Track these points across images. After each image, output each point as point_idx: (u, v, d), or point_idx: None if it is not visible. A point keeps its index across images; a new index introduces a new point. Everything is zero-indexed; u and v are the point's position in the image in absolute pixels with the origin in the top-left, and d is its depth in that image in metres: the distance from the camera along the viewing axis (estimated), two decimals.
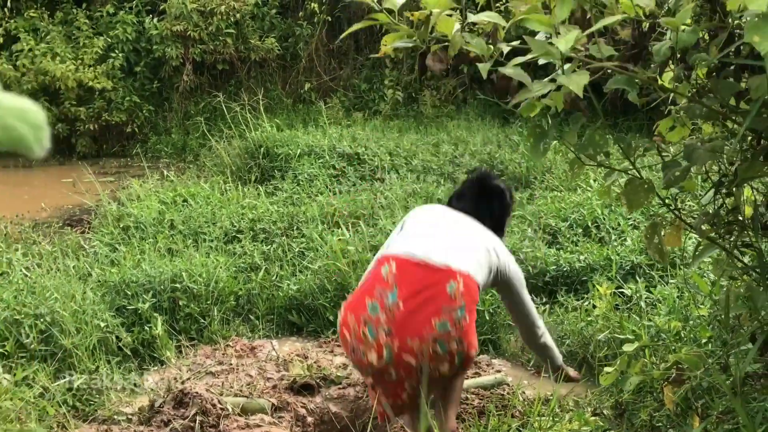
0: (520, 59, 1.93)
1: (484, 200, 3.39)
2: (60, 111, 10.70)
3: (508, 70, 1.94)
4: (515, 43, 2.04)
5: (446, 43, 2.05)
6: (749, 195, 2.39)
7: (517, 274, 3.29)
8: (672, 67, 2.18)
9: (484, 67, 2.00)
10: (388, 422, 3.25)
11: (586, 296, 4.44)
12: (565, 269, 4.78)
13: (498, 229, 3.39)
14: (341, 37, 2.94)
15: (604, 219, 5.43)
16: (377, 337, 2.77)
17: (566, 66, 1.87)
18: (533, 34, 1.96)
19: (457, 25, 2.01)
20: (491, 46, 2.02)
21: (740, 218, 2.23)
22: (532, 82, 1.95)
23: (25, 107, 0.87)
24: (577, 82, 1.81)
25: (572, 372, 3.63)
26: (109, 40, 10.96)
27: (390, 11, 2.04)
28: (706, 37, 2.08)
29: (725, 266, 2.36)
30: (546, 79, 1.94)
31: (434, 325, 2.85)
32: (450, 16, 2.01)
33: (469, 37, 2.02)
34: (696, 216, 2.28)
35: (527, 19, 1.89)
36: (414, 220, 3.28)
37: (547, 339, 3.48)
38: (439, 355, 2.86)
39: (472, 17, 2.00)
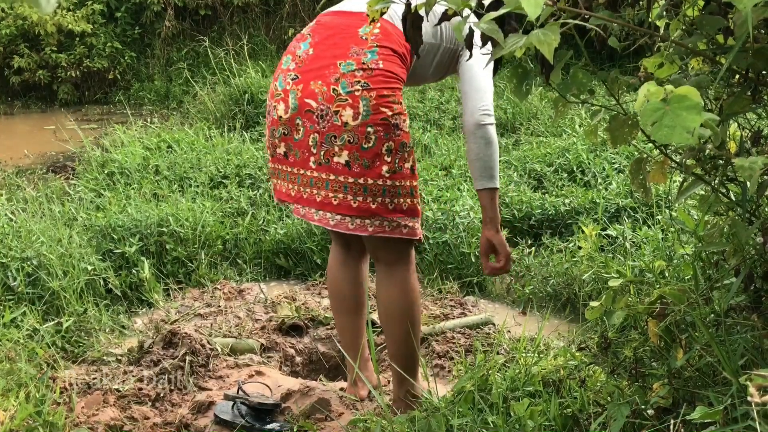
0: (494, 14, 1.91)
1: None
2: (41, 57, 10.53)
3: (482, 25, 1.93)
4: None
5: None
6: (735, 133, 2.40)
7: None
8: (659, 3, 2.16)
9: (458, 27, 1.98)
10: (282, 202, 3.03)
11: (570, 238, 4.48)
12: (550, 213, 4.80)
13: None
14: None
15: (589, 164, 5.44)
16: (284, 85, 2.67)
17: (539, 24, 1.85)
18: None
19: None
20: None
21: (725, 154, 2.24)
22: (504, 38, 1.93)
23: None
24: (548, 43, 1.79)
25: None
26: None
27: None
28: None
29: (711, 202, 2.38)
30: (520, 34, 1.92)
31: (338, 66, 2.68)
32: None
33: None
34: (682, 152, 2.29)
35: None
36: None
37: (491, 143, 2.74)
38: (340, 97, 2.64)
39: None
